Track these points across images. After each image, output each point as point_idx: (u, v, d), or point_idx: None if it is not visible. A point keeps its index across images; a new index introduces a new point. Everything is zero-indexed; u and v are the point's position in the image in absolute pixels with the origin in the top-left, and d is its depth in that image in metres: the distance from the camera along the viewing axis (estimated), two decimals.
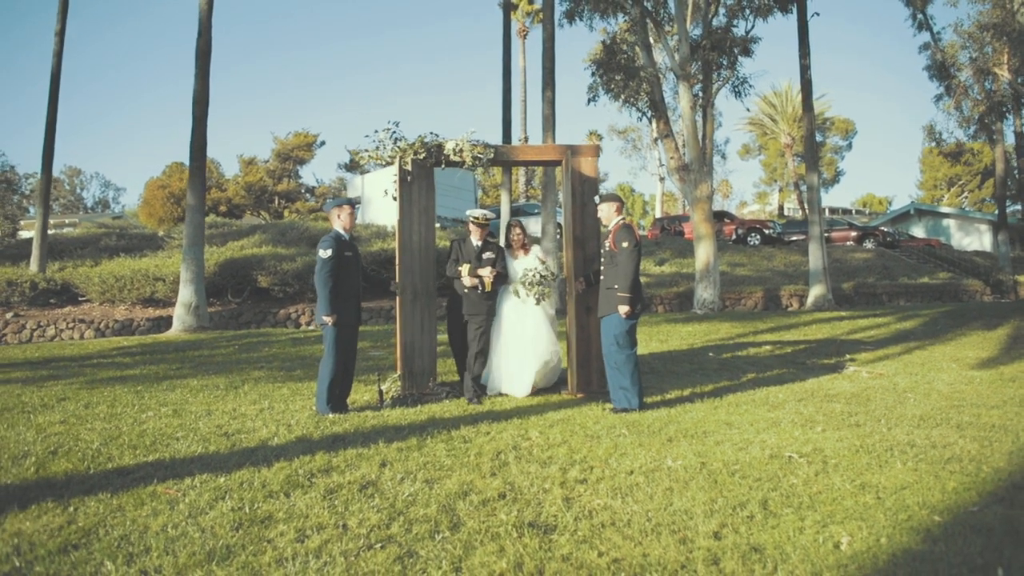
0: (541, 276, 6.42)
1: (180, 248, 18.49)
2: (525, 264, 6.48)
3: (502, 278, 6.36)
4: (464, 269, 6.18)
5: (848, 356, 8.73)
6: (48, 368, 8.63)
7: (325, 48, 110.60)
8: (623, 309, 5.48)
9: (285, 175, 41.22)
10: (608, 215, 5.82)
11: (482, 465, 3.98)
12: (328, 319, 5.38)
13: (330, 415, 5.36)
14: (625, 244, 5.53)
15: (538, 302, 6.41)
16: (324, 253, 5.41)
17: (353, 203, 5.87)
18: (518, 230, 6.65)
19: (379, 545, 2.84)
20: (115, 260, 17.33)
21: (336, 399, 5.53)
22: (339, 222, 5.66)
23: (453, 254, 6.41)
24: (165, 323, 14.42)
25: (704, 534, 2.90)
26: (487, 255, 6.32)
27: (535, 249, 6.70)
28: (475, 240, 6.36)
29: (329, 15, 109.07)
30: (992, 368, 7.68)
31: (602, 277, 5.80)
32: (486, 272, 6.17)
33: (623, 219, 5.74)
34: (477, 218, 6.31)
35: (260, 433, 4.78)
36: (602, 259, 5.86)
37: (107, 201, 65.02)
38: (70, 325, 14.30)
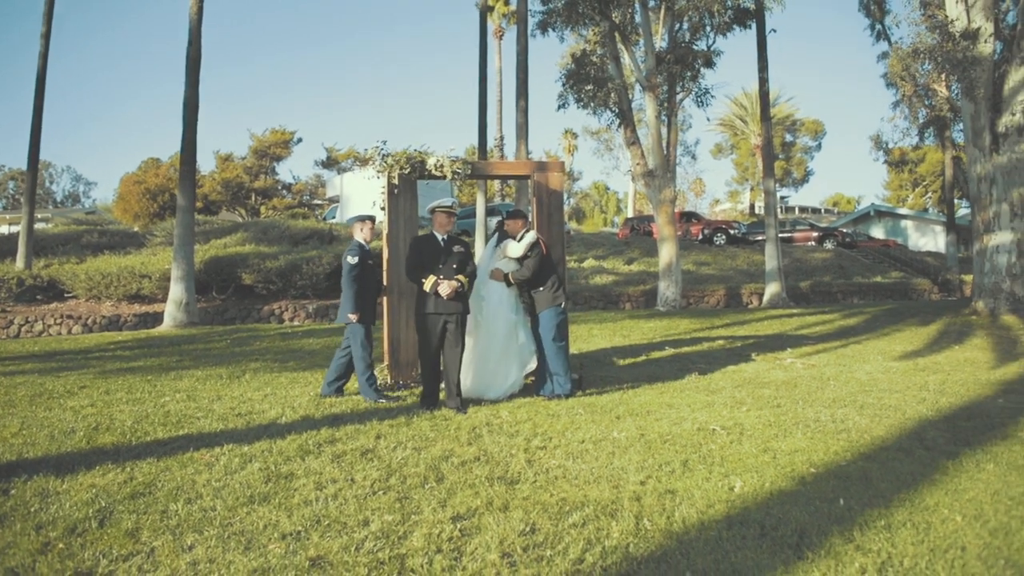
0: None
1: (163, 246, 18.96)
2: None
3: (475, 275, 6.08)
4: (428, 283, 5.69)
5: (788, 349, 9.71)
6: (55, 361, 9.25)
7: (303, 46, 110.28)
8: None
9: (262, 172, 41.50)
10: (515, 229, 6.60)
11: (460, 437, 4.81)
12: (353, 316, 6.17)
13: (382, 402, 6.00)
14: (531, 252, 6.40)
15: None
16: (351, 260, 6.21)
17: (374, 219, 6.65)
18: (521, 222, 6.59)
19: (381, 492, 3.65)
20: (100, 257, 17.74)
21: (374, 383, 6.22)
22: (360, 234, 6.47)
23: (414, 257, 5.89)
24: (152, 319, 14.95)
25: (633, 482, 3.77)
26: (457, 248, 5.95)
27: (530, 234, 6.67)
28: (439, 235, 5.97)
29: (307, 14, 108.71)
30: (911, 359, 8.70)
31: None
32: (462, 277, 5.81)
33: (528, 230, 6.57)
34: (449, 207, 5.99)
35: (269, 413, 5.56)
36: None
37: (77, 195, 64.49)
38: (58, 321, 14.76)
